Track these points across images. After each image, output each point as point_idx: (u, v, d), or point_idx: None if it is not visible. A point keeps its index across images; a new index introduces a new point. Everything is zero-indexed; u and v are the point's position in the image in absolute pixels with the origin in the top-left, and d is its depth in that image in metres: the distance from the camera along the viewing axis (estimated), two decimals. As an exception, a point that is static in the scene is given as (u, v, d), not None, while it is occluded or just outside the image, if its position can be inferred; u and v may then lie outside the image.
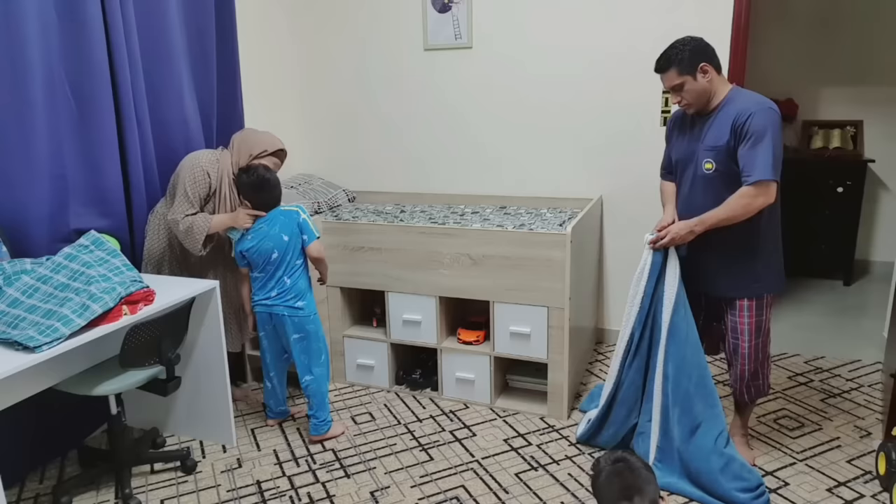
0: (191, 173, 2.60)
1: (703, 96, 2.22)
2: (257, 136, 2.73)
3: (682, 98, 2.24)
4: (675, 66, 2.20)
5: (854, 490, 2.30)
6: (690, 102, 2.23)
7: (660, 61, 2.24)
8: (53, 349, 1.88)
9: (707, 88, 2.21)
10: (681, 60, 2.19)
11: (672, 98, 2.28)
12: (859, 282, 4.58)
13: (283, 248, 2.53)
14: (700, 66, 2.18)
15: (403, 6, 3.61)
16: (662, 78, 2.26)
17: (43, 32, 2.35)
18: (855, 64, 4.62)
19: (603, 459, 1.50)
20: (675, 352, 2.29)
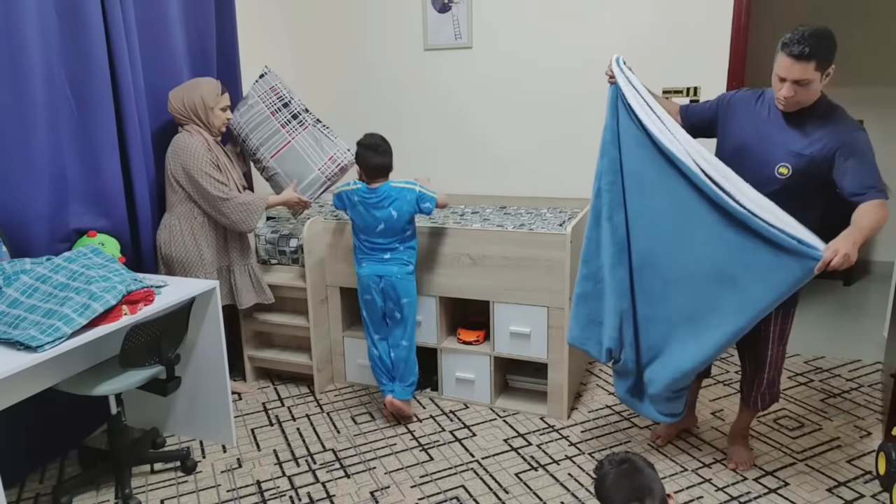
0: (191, 155, 2.64)
1: (811, 99, 2.01)
2: (196, 82, 2.76)
3: (796, 94, 1.97)
4: (820, 60, 1.91)
5: (854, 490, 2.30)
6: (799, 101, 2.00)
7: (803, 45, 1.89)
8: (55, 348, 1.89)
9: (818, 93, 2.01)
10: (824, 56, 1.91)
11: (786, 90, 1.96)
12: (859, 282, 4.58)
13: (391, 221, 2.63)
14: (831, 69, 1.96)
15: (403, 6, 3.61)
16: (793, 65, 1.92)
17: (43, 32, 2.35)
18: (855, 64, 4.62)
19: (607, 462, 1.49)
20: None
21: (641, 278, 2.26)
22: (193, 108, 2.69)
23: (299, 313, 3.14)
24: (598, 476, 1.49)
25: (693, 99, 3.19)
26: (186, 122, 2.72)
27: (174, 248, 2.73)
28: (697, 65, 3.16)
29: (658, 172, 2.14)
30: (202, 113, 2.70)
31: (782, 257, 1.99)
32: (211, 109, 2.71)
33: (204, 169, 2.65)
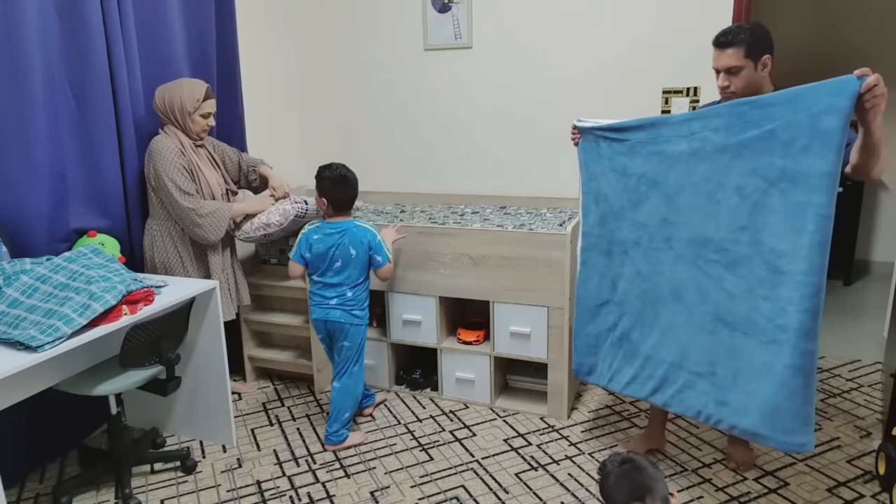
0: (162, 158, 2.60)
1: (750, 89, 2.05)
2: (182, 82, 2.71)
3: (731, 84, 2.06)
4: (743, 46, 2.01)
5: (854, 490, 2.30)
6: (737, 92, 2.06)
7: (727, 35, 2.04)
8: (55, 348, 1.88)
9: (759, 83, 2.06)
10: (751, 42, 2.01)
11: (720, 80, 2.08)
12: (859, 282, 4.59)
13: (349, 261, 2.54)
14: (764, 58, 2.04)
15: (403, 6, 3.61)
16: (720, 55, 2.06)
17: (43, 32, 2.35)
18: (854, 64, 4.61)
19: (609, 462, 1.49)
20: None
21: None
22: (172, 110, 2.64)
23: (299, 313, 3.15)
24: (601, 475, 1.49)
25: (693, 99, 3.19)
26: (166, 123, 2.69)
27: (156, 253, 2.72)
28: (697, 65, 3.16)
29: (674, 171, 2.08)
30: (179, 116, 2.65)
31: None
32: (189, 114, 2.64)
33: (170, 174, 2.59)
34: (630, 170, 2.19)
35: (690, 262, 2.05)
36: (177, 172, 2.60)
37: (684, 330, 2.09)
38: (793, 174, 1.78)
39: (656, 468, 1.47)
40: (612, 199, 2.26)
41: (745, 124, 1.87)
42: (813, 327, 1.77)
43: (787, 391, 1.80)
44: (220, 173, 2.86)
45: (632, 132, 2.17)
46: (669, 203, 2.09)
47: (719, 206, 1.95)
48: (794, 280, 1.79)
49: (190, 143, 2.69)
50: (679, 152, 2.04)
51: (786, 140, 1.79)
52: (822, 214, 1.74)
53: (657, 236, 2.14)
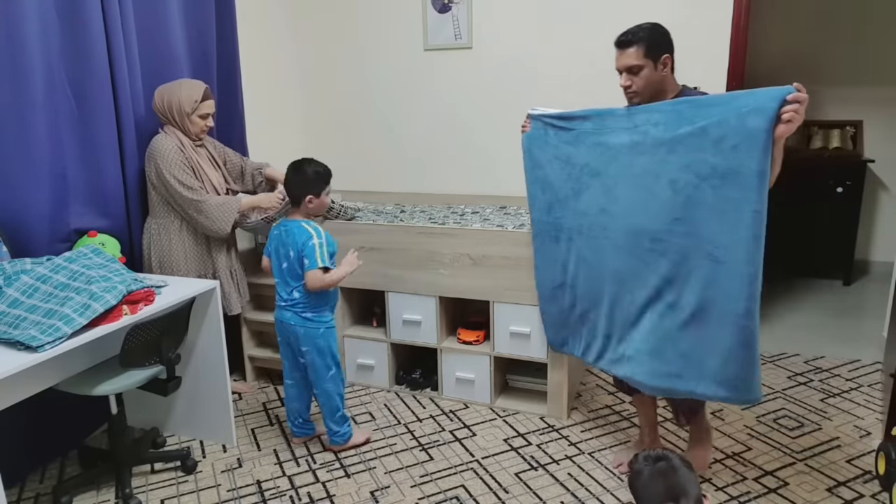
0: (162, 157, 2.61)
1: (652, 88, 2.08)
2: (181, 83, 2.71)
3: (633, 84, 2.08)
4: (641, 46, 2.05)
5: (854, 490, 2.30)
6: (639, 91, 2.09)
7: (626, 35, 2.08)
8: (55, 348, 1.89)
9: (660, 82, 2.09)
10: (649, 42, 2.05)
11: (622, 80, 2.11)
12: (859, 282, 4.58)
13: (290, 261, 2.42)
14: (664, 57, 2.07)
15: (403, 6, 3.61)
16: (620, 55, 2.09)
17: (43, 32, 2.35)
18: (855, 64, 4.62)
19: (642, 458, 1.46)
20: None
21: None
22: (171, 110, 2.65)
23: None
24: (633, 471, 1.45)
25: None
26: (165, 123, 2.70)
27: (155, 252, 2.72)
28: (697, 65, 3.16)
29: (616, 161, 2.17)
30: (178, 117, 2.66)
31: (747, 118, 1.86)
32: (187, 115, 2.65)
33: (173, 171, 2.60)
34: (574, 159, 2.28)
35: (627, 251, 2.16)
36: (179, 169, 2.61)
37: (631, 312, 2.20)
38: (723, 171, 1.89)
39: (690, 468, 1.44)
40: (557, 187, 2.35)
41: (682, 121, 1.97)
42: (752, 309, 1.92)
43: (736, 361, 1.98)
44: (221, 173, 2.86)
45: (579, 121, 2.27)
46: (608, 193, 2.19)
47: (655, 199, 2.05)
48: (733, 270, 1.92)
49: (189, 143, 2.70)
50: (621, 144, 2.14)
51: (716, 138, 1.89)
52: (755, 210, 1.85)
53: (595, 225, 2.25)
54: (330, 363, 2.52)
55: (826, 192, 4.45)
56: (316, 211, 2.48)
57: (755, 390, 2.01)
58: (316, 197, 2.42)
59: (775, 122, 1.79)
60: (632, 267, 2.16)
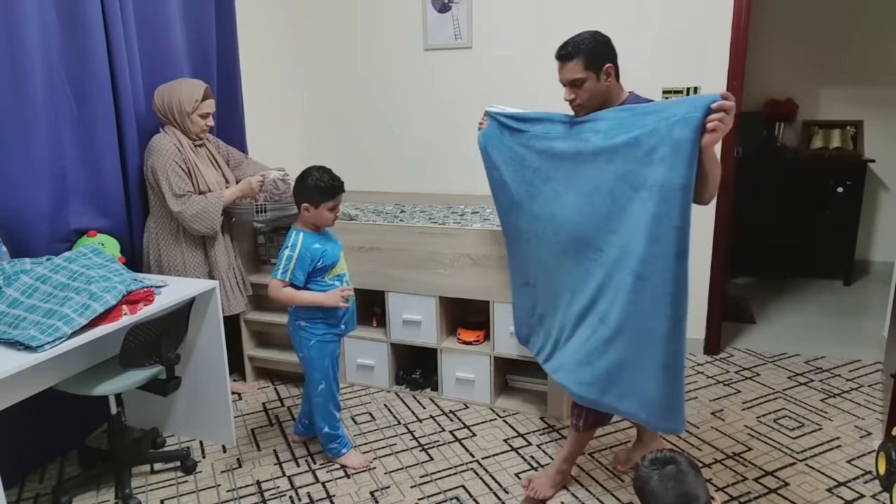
0: (159, 156, 2.60)
1: (597, 99, 2.04)
2: (181, 83, 2.71)
3: (577, 97, 2.04)
4: (582, 58, 1.99)
5: (854, 490, 2.30)
6: (583, 104, 2.05)
7: (566, 48, 2.02)
8: (55, 348, 1.88)
9: (605, 92, 2.04)
10: (589, 53, 1.99)
11: (566, 94, 2.07)
12: (859, 282, 4.58)
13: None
14: (605, 67, 2.01)
15: (403, 6, 3.61)
16: (562, 68, 2.04)
17: (43, 32, 2.35)
18: (855, 64, 4.62)
19: (649, 463, 1.42)
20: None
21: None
22: (171, 110, 2.65)
23: (299, 313, 3.14)
24: (640, 475, 1.42)
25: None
26: (165, 123, 2.70)
27: (154, 252, 2.72)
28: (697, 65, 3.16)
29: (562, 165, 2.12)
30: (178, 116, 2.66)
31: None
32: (188, 114, 2.65)
33: (166, 170, 2.59)
34: (527, 162, 2.22)
35: (575, 258, 2.10)
36: (172, 171, 2.60)
37: (572, 320, 2.15)
38: (652, 183, 1.82)
39: (698, 471, 1.41)
40: (513, 189, 2.28)
41: (620, 130, 1.90)
42: (675, 331, 1.83)
43: (657, 385, 1.89)
44: (220, 173, 2.86)
45: (531, 124, 2.20)
46: (557, 199, 2.13)
47: (595, 208, 2.00)
48: (655, 288, 1.84)
49: (189, 143, 2.70)
50: (565, 151, 2.08)
51: (648, 148, 1.82)
52: (676, 226, 1.77)
53: (548, 230, 2.18)
54: (319, 378, 2.44)
55: (826, 192, 4.45)
56: (315, 221, 2.33)
57: (677, 420, 1.91)
58: (314, 207, 2.29)
59: (701, 131, 1.72)
60: (578, 275, 2.10)
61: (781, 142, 4.76)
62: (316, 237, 2.35)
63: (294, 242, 2.30)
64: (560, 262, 2.17)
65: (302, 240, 2.30)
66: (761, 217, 4.56)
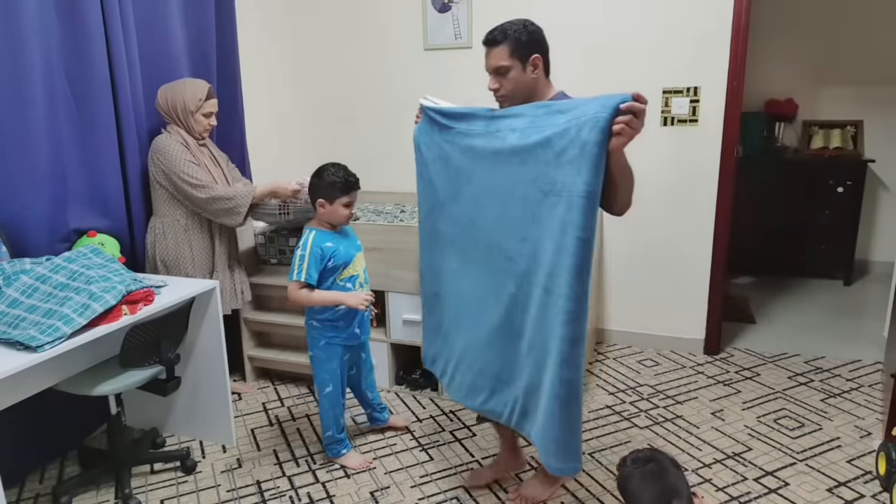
0: (168, 156, 2.61)
1: (522, 91, 1.93)
2: (185, 82, 2.72)
3: (501, 86, 1.93)
4: (509, 44, 1.88)
5: (854, 490, 2.30)
6: (507, 95, 1.94)
7: (493, 32, 1.92)
8: (55, 348, 1.88)
9: (531, 85, 1.93)
10: (518, 41, 1.88)
11: (490, 82, 1.95)
12: (859, 282, 4.58)
13: None
14: (533, 58, 1.90)
15: (403, 6, 3.61)
16: (487, 54, 1.94)
17: (43, 32, 2.35)
18: (855, 64, 4.62)
19: (630, 461, 1.44)
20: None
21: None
22: (175, 109, 2.66)
23: (299, 313, 3.14)
24: (622, 475, 1.44)
25: (693, 99, 3.19)
26: (169, 122, 2.70)
27: (159, 251, 2.72)
28: (697, 65, 3.16)
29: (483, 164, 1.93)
30: (182, 115, 2.66)
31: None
32: (192, 113, 2.66)
33: (182, 168, 2.60)
34: (451, 161, 2.02)
35: (489, 267, 1.92)
36: (186, 166, 2.61)
37: (486, 336, 1.95)
38: (560, 187, 1.67)
39: (679, 467, 1.43)
40: (438, 189, 2.08)
41: (535, 129, 1.74)
42: (571, 355, 1.66)
43: (549, 417, 1.71)
44: (222, 172, 2.86)
45: (456, 120, 2.00)
46: (476, 202, 1.94)
47: (509, 213, 1.83)
48: (556, 303, 1.69)
49: (193, 142, 2.71)
50: (484, 149, 1.90)
51: (559, 150, 1.67)
52: (579, 237, 1.63)
53: (466, 236, 2.00)
54: (326, 379, 2.46)
55: (826, 192, 4.45)
56: (329, 218, 2.35)
57: (570, 460, 1.73)
58: (328, 203, 2.32)
59: (609, 134, 1.58)
60: (491, 286, 1.92)
61: (781, 142, 4.76)
62: (329, 235, 2.37)
63: (305, 242, 2.32)
64: (473, 271, 1.98)
65: (313, 237, 2.32)
66: (761, 217, 4.56)
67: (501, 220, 1.85)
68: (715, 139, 3.20)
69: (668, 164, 3.31)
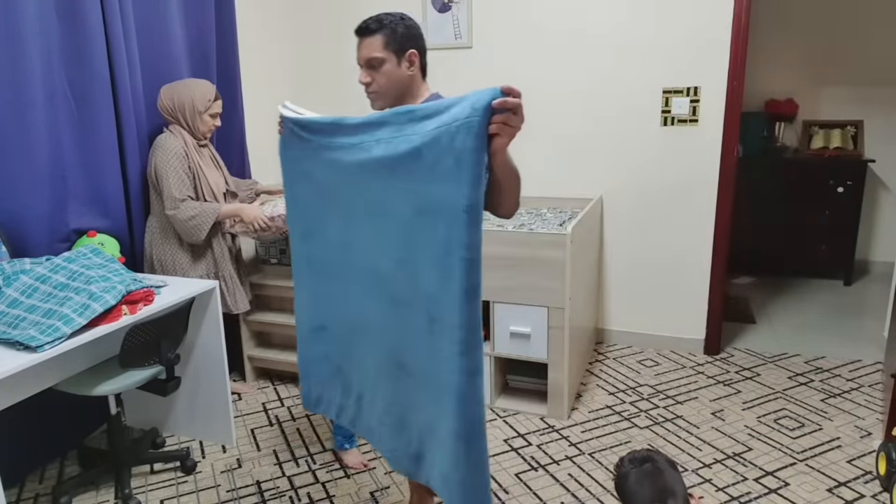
0: (164, 155, 2.61)
1: (395, 88, 1.81)
2: (192, 82, 2.72)
3: (374, 80, 1.81)
4: (384, 35, 1.76)
5: (854, 490, 2.30)
6: (378, 90, 1.82)
7: (367, 22, 1.79)
8: (54, 348, 1.88)
9: (405, 81, 1.81)
10: (394, 32, 1.76)
11: (361, 76, 1.83)
12: (859, 282, 4.58)
13: None
14: (409, 53, 1.79)
15: (403, 6, 3.61)
16: (359, 45, 1.80)
17: (43, 33, 2.35)
18: (855, 64, 4.62)
19: (627, 461, 1.45)
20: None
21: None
22: (182, 109, 2.66)
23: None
24: (619, 475, 1.45)
25: (693, 99, 3.19)
26: (172, 122, 2.70)
27: (156, 251, 2.72)
28: (697, 65, 3.16)
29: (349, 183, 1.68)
30: (189, 115, 2.67)
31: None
32: (199, 114, 2.67)
33: (169, 171, 2.59)
34: (316, 177, 1.75)
35: (369, 293, 1.69)
36: (174, 173, 2.60)
37: (377, 369, 1.73)
38: (438, 204, 1.46)
39: (675, 467, 1.44)
40: (308, 210, 1.82)
41: (402, 138, 1.51)
42: (470, 388, 1.47)
43: (453, 458, 1.52)
44: (221, 174, 2.86)
45: (317, 133, 1.72)
46: (348, 223, 1.70)
47: (384, 234, 1.61)
48: (444, 333, 1.50)
49: (194, 143, 2.71)
50: (350, 164, 1.64)
51: (431, 161, 1.46)
52: (465, 257, 1.43)
53: (343, 261, 1.74)
54: None
55: (826, 192, 4.45)
56: None
57: (477, 500, 1.53)
58: None
59: (486, 137, 1.39)
60: (375, 316, 1.68)
61: (782, 142, 4.76)
62: None
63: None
64: (358, 300, 1.73)
65: None
66: (761, 217, 4.56)
67: (377, 241, 1.63)
68: (715, 139, 3.20)
69: (668, 164, 3.31)
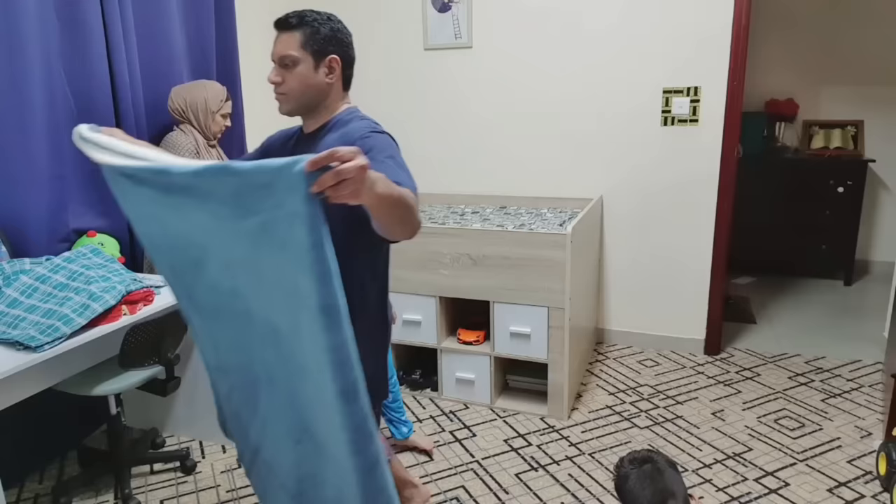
0: (175, 153, 2.60)
1: (307, 94, 1.63)
2: (204, 83, 2.74)
3: (284, 81, 1.61)
4: (303, 33, 1.57)
5: (854, 490, 2.30)
6: (288, 93, 1.62)
7: (288, 15, 1.60)
8: (54, 348, 1.88)
9: (320, 88, 1.63)
10: (315, 32, 1.58)
11: (271, 74, 1.62)
12: (859, 282, 4.58)
13: None
14: (329, 58, 1.60)
15: (403, 6, 3.61)
16: (276, 40, 1.61)
17: (43, 33, 2.35)
18: (855, 64, 4.61)
19: (627, 462, 1.45)
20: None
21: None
22: (194, 109, 2.68)
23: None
24: (619, 475, 1.45)
25: (693, 99, 3.19)
26: (183, 122, 2.71)
27: None
28: (697, 65, 3.16)
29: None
30: (202, 115, 2.68)
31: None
32: (212, 114, 2.69)
33: None
34: (166, 221, 1.43)
35: (268, 343, 1.40)
36: None
37: (280, 426, 1.48)
38: (294, 297, 1.26)
39: (675, 468, 1.44)
40: (169, 253, 1.52)
41: (243, 208, 1.24)
42: (370, 484, 1.31)
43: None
44: None
45: (145, 184, 1.43)
46: (229, 270, 1.38)
47: (263, 281, 1.33)
48: (330, 436, 1.33)
49: (204, 143, 2.72)
50: (202, 220, 1.34)
51: (280, 243, 1.22)
52: (333, 360, 1.23)
53: (234, 308, 1.43)
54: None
55: (827, 191, 4.44)
56: None
57: None
58: None
59: (321, 224, 1.17)
60: (275, 364, 1.42)
61: (782, 142, 4.76)
62: None
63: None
64: (256, 348, 1.45)
65: None
66: (761, 217, 4.55)
67: (259, 290, 1.36)
68: (715, 139, 3.20)
69: (668, 164, 3.31)
